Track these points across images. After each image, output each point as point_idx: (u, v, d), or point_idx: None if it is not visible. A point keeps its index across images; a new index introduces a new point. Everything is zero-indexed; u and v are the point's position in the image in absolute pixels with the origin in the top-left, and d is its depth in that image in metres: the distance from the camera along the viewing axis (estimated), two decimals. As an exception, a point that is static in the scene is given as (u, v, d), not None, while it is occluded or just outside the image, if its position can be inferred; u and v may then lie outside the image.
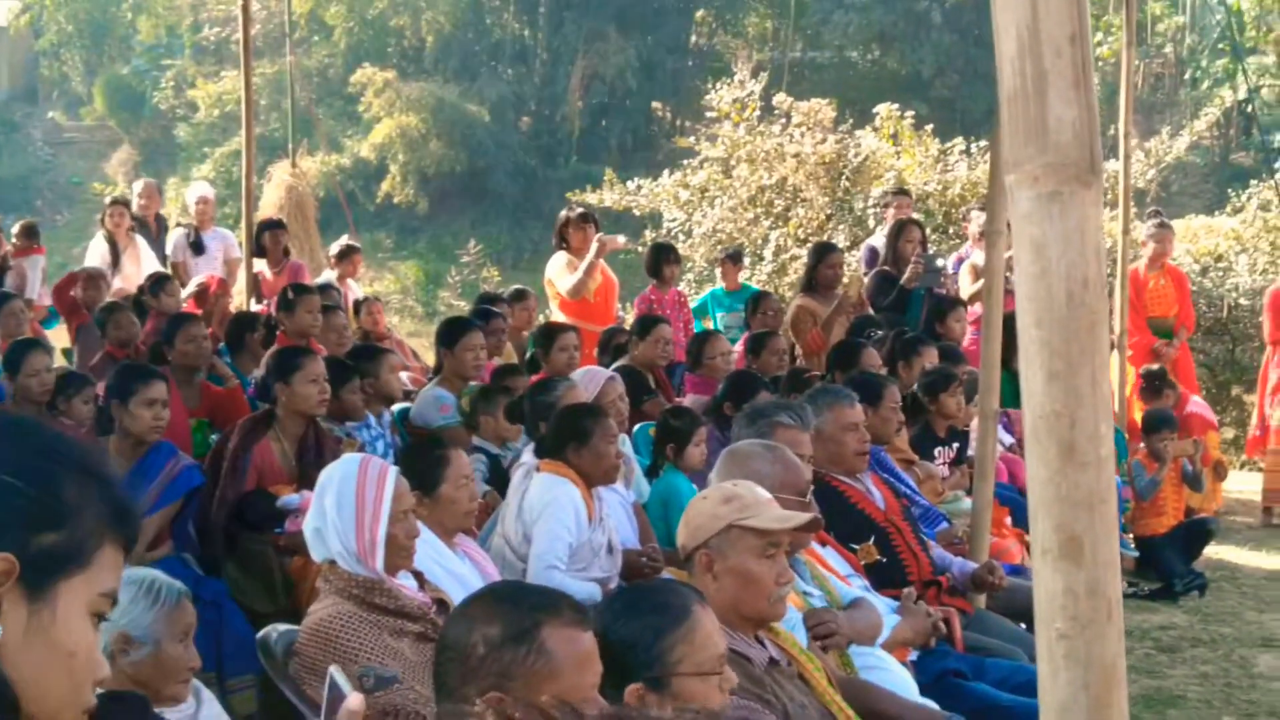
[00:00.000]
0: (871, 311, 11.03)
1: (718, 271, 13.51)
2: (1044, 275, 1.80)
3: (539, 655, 2.80)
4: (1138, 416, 10.69)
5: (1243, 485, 12.59)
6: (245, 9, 11.23)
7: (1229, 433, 13.63)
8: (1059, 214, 1.79)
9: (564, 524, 5.95)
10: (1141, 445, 10.16)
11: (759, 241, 16.25)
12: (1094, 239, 1.80)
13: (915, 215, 12.20)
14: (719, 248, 16.00)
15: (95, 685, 1.68)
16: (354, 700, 1.70)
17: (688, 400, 8.82)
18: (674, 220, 16.87)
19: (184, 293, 10.82)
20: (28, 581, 1.58)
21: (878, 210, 14.46)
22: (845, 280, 11.58)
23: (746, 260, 15.83)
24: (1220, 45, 39.94)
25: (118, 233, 11.97)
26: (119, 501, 1.72)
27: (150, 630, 3.64)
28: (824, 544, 5.79)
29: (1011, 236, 1.91)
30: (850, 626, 5.03)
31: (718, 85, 18.27)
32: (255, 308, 10.60)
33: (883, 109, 17.28)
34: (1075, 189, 1.79)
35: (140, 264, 11.93)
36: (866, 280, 11.61)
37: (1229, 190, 19.42)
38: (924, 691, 5.22)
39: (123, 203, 12.52)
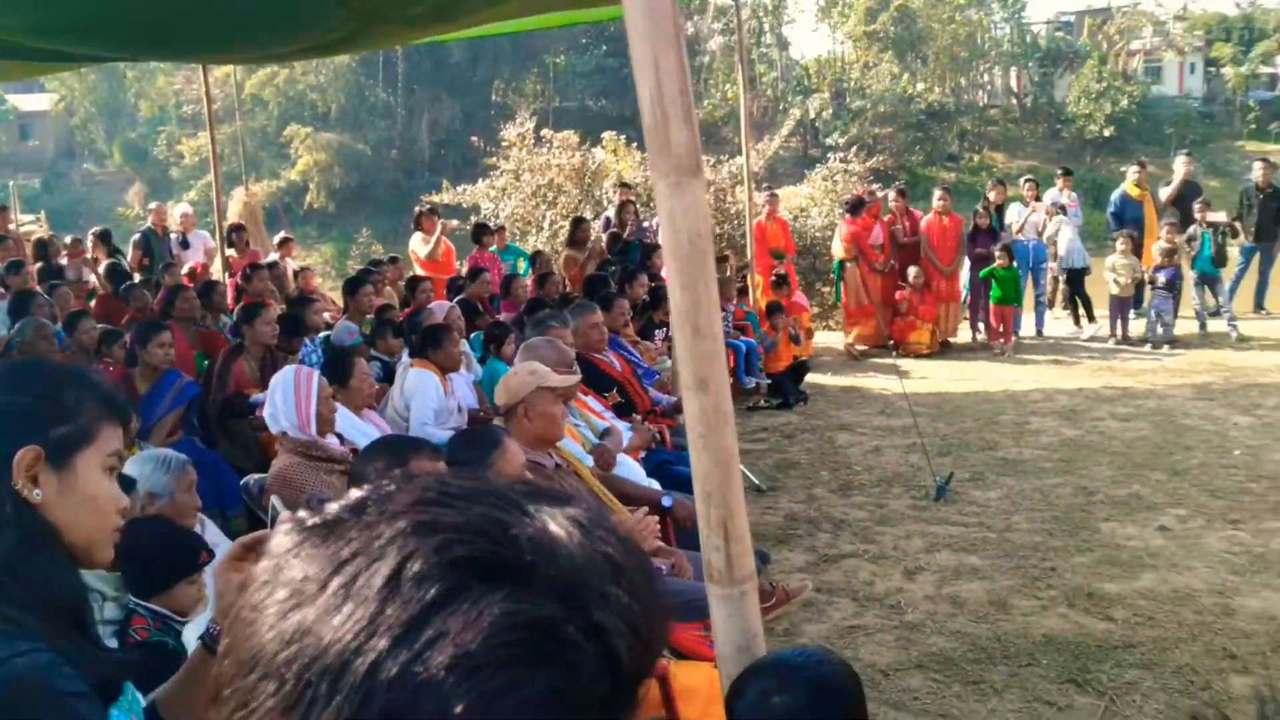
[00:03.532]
0: (609, 256, 11.00)
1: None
2: (675, 231, 1.77)
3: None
4: (764, 305, 10.79)
5: (827, 340, 12.89)
6: (207, 93, 10.76)
7: (816, 310, 13.92)
8: (680, 195, 1.75)
9: (430, 397, 5.84)
10: (766, 321, 10.28)
11: (539, 219, 16.04)
12: (702, 209, 1.78)
13: (630, 197, 12.11)
14: (516, 224, 15.83)
15: (120, 513, 1.62)
16: (285, 516, 1.63)
17: (503, 317, 8.68)
18: (487, 209, 16.57)
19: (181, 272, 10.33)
20: (53, 460, 1.53)
21: (609, 195, 14.39)
22: (592, 238, 11.47)
23: (534, 231, 15.72)
24: (796, 88, 40.92)
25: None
26: (108, 396, 1.64)
27: (166, 487, 3.44)
28: (586, 394, 5.79)
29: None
30: (612, 447, 5.06)
31: (507, 125, 17.96)
32: (228, 280, 10.18)
33: (608, 136, 17.19)
34: (688, 180, 1.76)
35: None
36: (604, 237, 11.53)
37: (806, 171, 19.75)
38: (650, 474, 5.25)
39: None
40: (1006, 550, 5.97)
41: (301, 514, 0.68)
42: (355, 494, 0.68)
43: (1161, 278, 11.37)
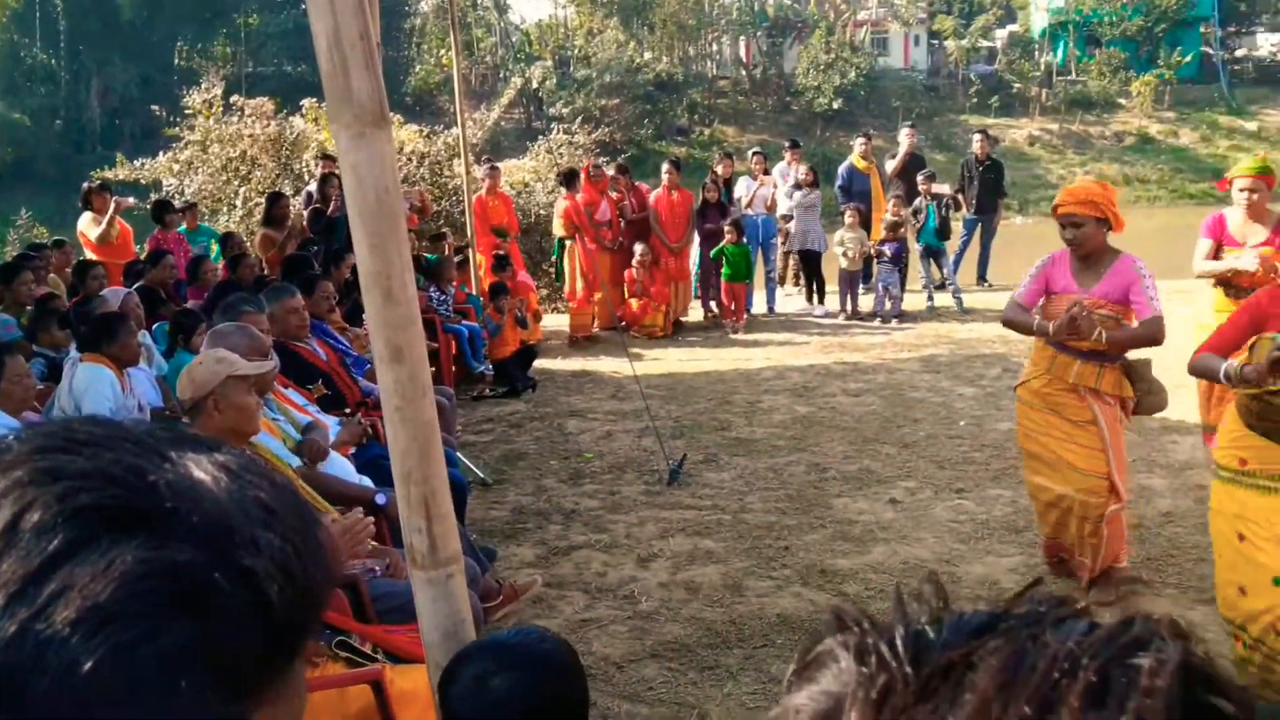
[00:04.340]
0: (311, 234, 10.72)
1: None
2: (360, 186, 1.76)
3: None
4: (487, 286, 10.79)
5: (555, 324, 13.02)
6: None
7: (543, 292, 14.02)
8: (364, 146, 1.74)
9: (105, 395, 5.54)
10: (489, 304, 10.29)
11: (231, 196, 15.39)
12: (389, 161, 1.77)
13: (334, 169, 11.81)
14: (205, 202, 15.11)
15: None
16: None
17: (190, 304, 8.30)
18: (170, 185, 15.72)
19: None
20: None
21: (311, 168, 13.97)
22: (292, 216, 11.13)
23: (225, 209, 15.08)
24: (517, 55, 41.10)
25: None
26: None
27: None
28: (287, 385, 5.65)
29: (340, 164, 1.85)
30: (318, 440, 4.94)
31: (192, 92, 17.08)
32: None
33: (308, 103, 16.66)
34: (373, 130, 1.75)
35: None
36: (306, 214, 11.21)
37: (530, 143, 19.82)
38: (361, 470, 5.18)
39: None
40: (741, 532, 6.24)
41: None
42: None
43: (888, 251, 12.12)
